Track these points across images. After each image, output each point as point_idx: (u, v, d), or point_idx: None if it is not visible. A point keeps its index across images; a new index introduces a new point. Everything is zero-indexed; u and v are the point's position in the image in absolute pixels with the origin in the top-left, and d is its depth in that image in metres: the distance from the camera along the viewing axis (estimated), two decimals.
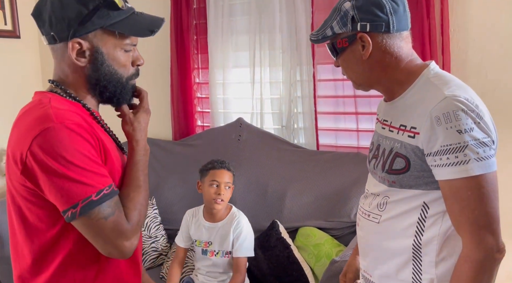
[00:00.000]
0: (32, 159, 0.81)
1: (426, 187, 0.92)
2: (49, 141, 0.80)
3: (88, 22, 0.87)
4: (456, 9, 1.77)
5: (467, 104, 0.86)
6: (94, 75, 0.91)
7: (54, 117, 0.82)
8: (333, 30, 0.96)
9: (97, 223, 0.83)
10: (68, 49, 0.88)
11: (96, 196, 0.82)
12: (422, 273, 0.95)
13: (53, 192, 0.81)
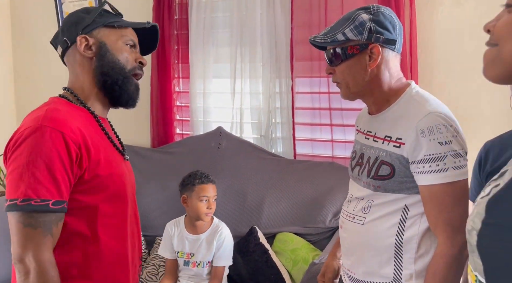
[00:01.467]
0: (12, 144, 0.90)
1: (407, 191, 1.03)
2: (27, 136, 0.88)
3: (91, 22, 1.01)
4: (423, 34, 1.94)
5: (447, 119, 0.98)
6: (100, 64, 1.02)
7: (42, 119, 0.89)
8: (346, 36, 1.03)
9: (15, 225, 0.87)
10: (77, 45, 1.01)
11: (22, 202, 0.86)
12: (402, 269, 1.05)
13: (8, 178, 0.89)
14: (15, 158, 0.88)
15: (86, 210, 0.94)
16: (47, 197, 0.86)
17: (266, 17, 2.21)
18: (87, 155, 0.92)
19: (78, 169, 0.91)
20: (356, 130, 1.23)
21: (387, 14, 1.05)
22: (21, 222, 0.86)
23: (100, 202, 0.96)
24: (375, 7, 1.05)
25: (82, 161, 0.91)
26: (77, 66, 1.03)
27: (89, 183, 0.93)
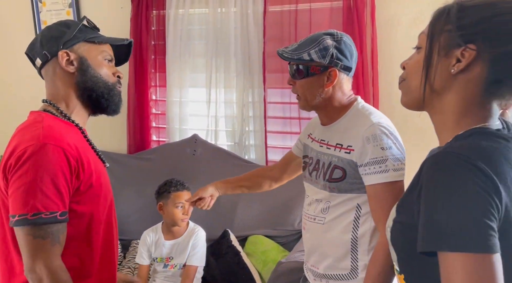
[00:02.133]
0: (14, 162, 0.94)
1: (358, 191, 1.17)
2: (30, 154, 0.93)
3: (72, 37, 1.06)
4: (384, 50, 2.10)
5: (388, 129, 1.13)
6: (82, 79, 1.06)
7: (41, 138, 0.95)
8: (311, 56, 1.16)
9: (25, 238, 0.93)
10: (59, 59, 1.04)
11: (32, 216, 0.91)
12: (358, 260, 1.19)
13: (9, 193, 0.94)
14: (21, 175, 0.92)
15: (82, 218, 1.01)
16: (54, 209, 0.93)
17: (240, 30, 2.34)
18: (82, 168, 0.99)
19: (76, 181, 0.98)
20: (310, 137, 1.36)
21: (348, 43, 1.19)
22: (31, 234, 0.92)
23: (94, 210, 1.04)
24: (338, 34, 1.19)
25: (79, 173, 0.99)
26: (57, 80, 1.06)
27: (85, 193, 1.01)
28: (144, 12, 2.50)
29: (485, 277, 0.59)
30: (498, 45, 0.68)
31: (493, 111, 0.73)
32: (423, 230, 0.64)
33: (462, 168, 0.62)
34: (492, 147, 0.66)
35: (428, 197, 0.64)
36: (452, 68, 0.71)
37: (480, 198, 0.60)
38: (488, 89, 0.71)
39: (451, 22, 0.72)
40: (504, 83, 0.70)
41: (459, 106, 0.73)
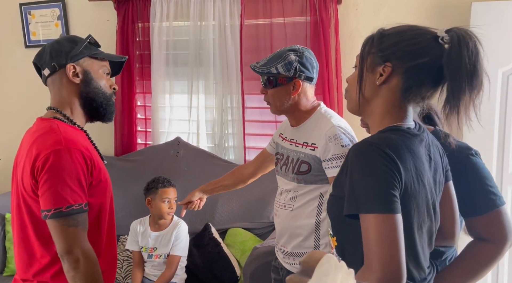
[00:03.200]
0: (41, 165, 1.10)
1: (321, 182, 1.40)
2: (55, 157, 1.10)
3: (78, 52, 1.23)
4: (346, 60, 2.36)
5: (345, 130, 1.38)
6: (86, 89, 1.24)
7: (63, 142, 1.12)
8: (278, 70, 1.38)
9: (61, 227, 1.09)
10: (67, 71, 1.22)
11: (66, 208, 1.09)
12: (320, 239, 1.42)
13: (41, 192, 1.11)
14: (50, 176, 1.08)
15: (93, 208, 1.19)
16: (79, 201, 1.11)
17: (219, 42, 2.56)
18: (93, 166, 1.17)
19: (90, 177, 1.16)
20: (281, 137, 1.59)
21: (309, 57, 1.42)
22: (66, 224, 1.09)
23: (102, 201, 1.22)
24: (300, 50, 1.42)
25: (92, 171, 1.17)
26: (64, 89, 1.23)
27: (96, 187, 1.19)
28: (130, 24, 2.70)
29: (390, 231, 0.81)
30: (406, 62, 0.92)
31: (408, 113, 0.96)
32: (347, 199, 0.87)
33: (374, 152, 0.85)
34: (399, 139, 0.89)
35: (351, 174, 0.87)
36: (377, 80, 0.94)
37: (385, 174, 0.83)
38: (403, 95, 0.93)
39: (374, 46, 0.95)
40: (413, 89, 0.93)
41: (383, 109, 0.95)
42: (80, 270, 1.10)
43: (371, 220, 0.82)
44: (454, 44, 0.87)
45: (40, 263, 1.17)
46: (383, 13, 2.31)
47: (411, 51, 0.91)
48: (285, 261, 1.51)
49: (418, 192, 0.87)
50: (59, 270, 1.15)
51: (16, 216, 1.21)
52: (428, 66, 0.90)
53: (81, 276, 1.10)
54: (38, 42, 3.05)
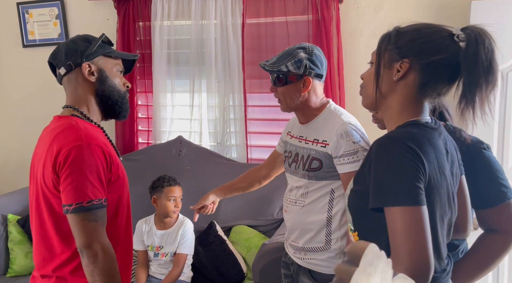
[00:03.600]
0: (63, 160, 1.12)
1: (332, 178, 1.42)
2: (77, 153, 1.12)
3: (93, 51, 1.25)
4: (349, 59, 2.39)
5: (356, 127, 1.40)
6: (101, 87, 1.26)
7: (84, 138, 1.14)
8: (288, 68, 1.40)
9: (81, 222, 1.11)
10: (82, 70, 1.23)
11: (87, 203, 1.11)
12: (331, 234, 1.44)
13: (62, 187, 1.13)
14: (72, 171, 1.10)
15: (111, 204, 1.21)
16: (99, 197, 1.13)
17: (220, 41, 2.57)
18: (112, 162, 1.19)
19: (109, 173, 1.18)
20: (289, 135, 1.61)
21: (318, 54, 1.44)
22: (87, 219, 1.11)
23: (120, 196, 1.24)
24: (310, 47, 1.44)
25: (111, 167, 1.18)
26: (80, 87, 1.25)
27: (114, 183, 1.20)
28: (130, 23, 2.70)
29: (417, 222, 0.83)
30: (423, 58, 0.94)
31: (425, 108, 0.99)
32: (372, 193, 0.89)
33: (398, 146, 0.87)
34: (420, 133, 0.92)
35: (375, 168, 0.89)
36: (394, 76, 0.97)
37: (410, 167, 0.85)
38: (420, 91, 0.96)
39: (391, 43, 0.97)
40: (430, 85, 0.96)
41: (400, 104, 0.98)
42: (99, 264, 1.12)
43: (398, 213, 0.84)
44: (471, 41, 0.90)
45: (59, 259, 1.18)
46: (383, 11, 2.34)
47: (428, 48, 0.94)
48: (296, 256, 1.54)
49: (440, 184, 0.90)
50: (78, 265, 1.17)
51: (35, 213, 1.22)
52: (445, 62, 0.93)
53: (99, 270, 1.12)
54: (36, 42, 3.03)
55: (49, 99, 3.07)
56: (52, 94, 3.06)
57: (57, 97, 3.07)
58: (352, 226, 1.03)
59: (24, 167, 3.19)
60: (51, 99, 3.06)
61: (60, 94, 3.35)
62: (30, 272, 2.35)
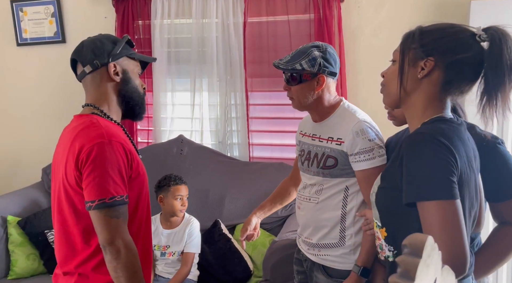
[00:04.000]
0: (85, 157, 1.13)
1: (347, 176, 1.44)
2: (99, 150, 1.12)
3: (118, 52, 1.26)
4: (350, 57, 2.42)
5: (371, 125, 1.42)
6: (124, 88, 1.28)
7: (106, 135, 1.15)
8: (303, 66, 1.41)
9: (103, 218, 1.12)
10: (109, 69, 1.25)
11: (109, 200, 1.12)
12: (346, 230, 1.46)
13: (85, 183, 1.13)
14: (94, 168, 1.11)
15: (132, 202, 1.21)
16: (121, 193, 1.14)
17: (222, 39, 2.57)
18: (133, 159, 1.20)
19: (129, 170, 1.19)
20: (301, 134, 1.63)
21: (332, 53, 1.46)
22: (109, 215, 1.11)
23: (141, 194, 1.24)
24: (323, 46, 1.46)
25: (132, 164, 1.19)
26: (103, 87, 1.26)
27: (135, 180, 1.21)
28: (130, 21, 2.68)
29: (453, 216, 0.86)
30: (449, 56, 0.97)
31: (447, 104, 1.02)
32: (406, 188, 0.91)
33: (430, 142, 0.90)
34: (449, 129, 0.95)
35: (409, 164, 0.91)
36: (419, 74, 0.99)
37: (443, 162, 0.88)
38: (444, 88, 0.99)
39: (415, 42, 1.00)
40: (453, 83, 0.99)
41: (424, 101, 1.00)
42: (122, 260, 1.12)
43: (434, 207, 0.86)
44: (495, 41, 0.93)
45: (81, 256, 1.19)
46: (384, 11, 2.38)
47: (454, 47, 0.97)
48: (310, 253, 1.55)
49: (469, 178, 0.93)
50: (100, 262, 1.18)
51: (57, 211, 1.22)
52: (469, 61, 0.96)
53: (122, 266, 1.12)
54: (30, 40, 2.97)
55: (44, 99, 3.03)
56: (46, 94, 3.02)
57: (51, 97, 3.04)
58: (379, 222, 1.05)
59: (20, 168, 3.15)
60: (46, 99, 3.02)
61: (55, 94, 3.32)
62: (32, 274, 2.34)
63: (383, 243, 1.04)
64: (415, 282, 0.44)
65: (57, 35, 2.91)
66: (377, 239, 1.07)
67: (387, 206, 1.00)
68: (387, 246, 1.03)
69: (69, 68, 1.34)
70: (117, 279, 1.13)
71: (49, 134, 3.04)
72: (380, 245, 1.06)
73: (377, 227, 1.06)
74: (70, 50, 1.32)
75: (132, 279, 1.13)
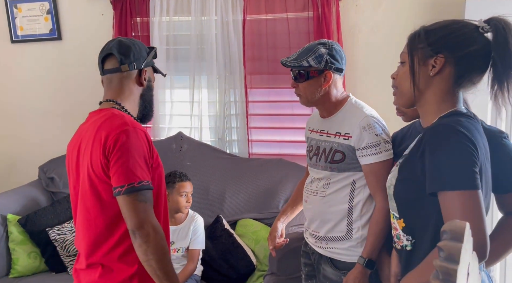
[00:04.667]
0: (113, 143, 1.17)
1: (354, 170, 1.48)
2: (125, 136, 1.17)
3: (148, 60, 1.35)
4: (348, 54, 2.43)
5: (378, 120, 1.47)
6: (147, 93, 1.38)
7: (130, 124, 1.20)
8: (310, 63, 1.45)
9: (132, 203, 1.16)
10: (142, 73, 1.36)
11: (138, 184, 1.17)
12: (353, 224, 1.50)
13: (113, 170, 1.17)
14: (122, 154, 1.15)
15: (153, 190, 1.25)
16: (147, 179, 1.18)
17: (221, 37, 2.59)
18: (152, 148, 1.26)
19: (151, 159, 1.24)
20: (309, 130, 1.66)
21: (338, 50, 1.50)
22: (137, 199, 1.15)
23: (160, 184, 1.30)
24: (329, 43, 1.50)
25: (153, 153, 1.25)
26: (129, 87, 1.34)
27: (155, 170, 1.26)
28: (128, 19, 2.67)
29: (476, 205, 0.90)
30: (458, 51, 1.01)
31: (460, 98, 1.06)
32: (430, 178, 0.94)
33: (454, 134, 0.94)
34: (467, 121, 0.99)
35: (432, 155, 0.94)
36: (430, 72, 1.03)
37: (467, 153, 0.92)
38: (456, 82, 1.03)
39: (422, 42, 1.04)
40: (465, 76, 1.03)
41: (438, 97, 1.04)
42: (151, 243, 1.16)
43: (456, 197, 0.90)
44: (500, 30, 0.98)
45: (106, 246, 1.23)
46: (381, 9, 2.43)
47: (461, 41, 1.01)
48: (317, 246, 1.59)
49: (487, 170, 0.97)
50: (125, 250, 1.22)
51: (80, 204, 1.25)
52: (478, 53, 1.00)
53: (152, 249, 1.16)
54: (26, 37, 2.94)
55: (40, 96, 3.00)
56: (42, 91, 2.99)
57: (47, 95, 3.01)
58: (396, 213, 1.09)
59: (15, 167, 3.11)
60: (42, 96, 2.99)
61: (51, 91, 3.29)
62: (34, 272, 2.33)
63: (401, 233, 1.08)
64: (459, 265, 0.48)
65: (53, 32, 2.88)
66: (394, 229, 1.11)
67: (406, 197, 1.04)
68: (405, 236, 1.07)
69: (66, 65, 1.40)
70: (148, 262, 1.17)
71: (45, 132, 3.03)
72: (397, 235, 1.10)
73: (394, 218, 1.10)
74: (67, 48, 1.38)
75: (162, 261, 1.17)
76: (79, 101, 2.86)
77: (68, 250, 2.33)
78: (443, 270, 0.49)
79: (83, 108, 1.71)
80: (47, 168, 2.76)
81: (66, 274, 2.31)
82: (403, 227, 1.06)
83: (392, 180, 1.08)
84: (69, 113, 2.93)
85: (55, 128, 3.00)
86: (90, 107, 1.44)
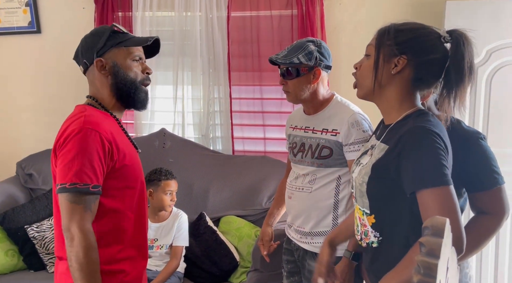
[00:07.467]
0: (62, 143, 1.16)
1: (340, 165, 1.51)
2: (74, 137, 1.14)
3: (103, 46, 1.24)
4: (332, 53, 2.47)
5: (364, 117, 1.50)
6: (114, 80, 1.25)
7: (83, 123, 1.16)
8: (300, 60, 1.46)
9: (64, 202, 1.12)
10: (95, 66, 1.24)
11: (70, 185, 1.12)
12: (338, 218, 1.53)
13: (57, 168, 1.16)
14: (65, 152, 1.14)
15: (119, 192, 1.21)
16: (87, 182, 1.12)
17: (205, 33, 2.58)
18: (116, 149, 1.19)
19: (110, 160, 1.18)
20: (291, 127, 1.67)
21: (326, 47, 1.53)
22: (68, 200, 1.12)
23: (128, 186, 1.24)
24: (317, 41, 1.52)
25: (113, 154, 1.18)
26: (96, 82, 1.27)
27: (119, 171, 1.20)
28: (110, 13, 2.62)
29: (449, 200, 0.93)
30: (421, 56, 1.05)
31: (418, 97, 1.11)
32: (410, 178, 0.96)
33: (428, 135, 0.97)
34: (437, 122, 1.03)
35: (410, 156, 0.97)
36: (392, 70, 1.06)
37: (439, 153, 0.96)
38: (414, 84, 1.07)
39: (390, 39, 1.07)
40: (423, 80, 1.07)
41: (398, 95, 1.08)
42: (74, 248, 1.11)
43: (432, 194, 0.93)
44: (459, 44, 1.03)
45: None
46: (365, 8, 2.46)
47: (425, 48, 1.05)
48: (302, 241, 1.61)
49: (451, 167, 1.01)
50: None
51: (54, 199, 1.24)
52: (437, 61, 1.05)
53: (74, 256, 1.11)
54: (3, 30, 2.86)
55: (17, 91, 2.93)
56: (20, 85, 2.92)
57: (25, 89, 2.94)
58: (367, 210, 1.11)
59: None
60: (19, 91, 2.92)
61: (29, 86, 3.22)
62: (12, 270, 2.29)
63: (369, 230, 1.10)
64: (439, 260, 0.49)
65: (32, 25, 2.81)
66: (362, 226, 1.13)
67: (379, 195, 1.07)
68: (373, 232, 1.10)
69: (45, 59, 1.36)
70: (70, 268, 1.12)
71: (24, 127, 2.96)
72: (365, 232, 1.13)
73: (364, 215, 1.12)
74: (46, 41, 1.33)
75: (82, 271, 1.09)
76: (59, 96, 2.80)
77: (47, 248, 2.28)
78: (424, 265, 0.51)
79: (62, 103, 1.68)
80: (25, 164, 2.70)
81: (45, 272, 2.27)
82: (373, 223, 1.09)
83: (364, 178, 1.09)
84: (48, 108, 2.86)
85: (34, 123, 2.93)
86: (70, 102, 1.42)
